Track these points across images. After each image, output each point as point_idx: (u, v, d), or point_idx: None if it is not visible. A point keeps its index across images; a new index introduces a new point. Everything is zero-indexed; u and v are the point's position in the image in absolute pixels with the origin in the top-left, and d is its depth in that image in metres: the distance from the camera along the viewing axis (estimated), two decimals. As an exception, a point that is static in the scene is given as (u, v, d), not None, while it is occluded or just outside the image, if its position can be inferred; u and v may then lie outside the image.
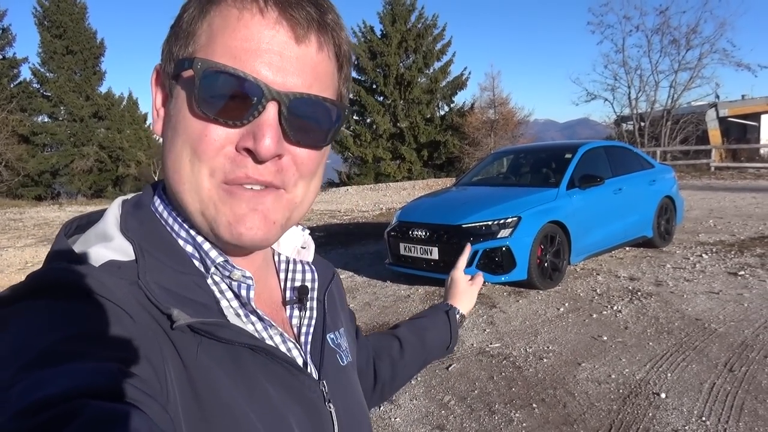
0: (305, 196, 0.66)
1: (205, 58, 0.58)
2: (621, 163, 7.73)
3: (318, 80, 0.61)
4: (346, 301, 0.97)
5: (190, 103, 0.59)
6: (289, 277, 0.77)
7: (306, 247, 0.81)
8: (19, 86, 32.48)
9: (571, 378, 4.09)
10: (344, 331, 0.86)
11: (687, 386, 3.84)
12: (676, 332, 4.84)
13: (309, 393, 0.68)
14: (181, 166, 0.60)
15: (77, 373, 0.43)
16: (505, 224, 5.97)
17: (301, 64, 0.59)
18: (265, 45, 0.58)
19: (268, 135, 0.57)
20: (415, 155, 33.45)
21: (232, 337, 0.59)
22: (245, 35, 0.58)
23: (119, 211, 0.66)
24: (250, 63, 0.57)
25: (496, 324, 5.32)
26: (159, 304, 0.56)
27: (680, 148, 25.10)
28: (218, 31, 0.59)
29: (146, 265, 0.59)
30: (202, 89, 0.57)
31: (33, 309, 0.50)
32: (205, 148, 0.58)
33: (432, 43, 34.14)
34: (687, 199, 13.71)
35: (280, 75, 0.58)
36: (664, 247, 8.19)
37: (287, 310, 0.75)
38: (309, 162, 0.63)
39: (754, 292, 5.85)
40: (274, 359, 0.64)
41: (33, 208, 23.18)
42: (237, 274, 0.64)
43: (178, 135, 0.60)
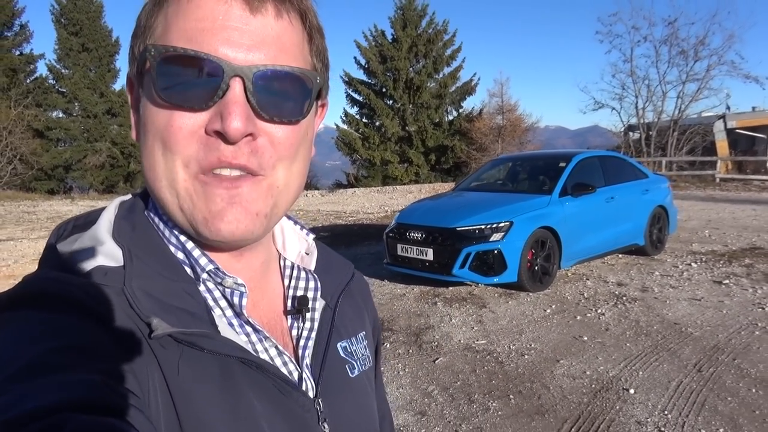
0: (288, 180, 0.63)
1: (157, 44, 0.56)
2: (615, 172, 7.99)
3: (284, 51, 0.58)
4: (370, 300, 0.91)
5: (152, 95, 0.57)
6: (292, 285, 0.74)
7: (309, 253, 0.78)
8: (35, 82, 33.16)
9: (548, 373, 4.36)
10: (364, 335, 0.82)
11: (655, 383, 4.11)
12: (653, 335, 5.11)
13: (301, 411, 0.64)
14: (156, 162, 0.58)
15: (61, 386, 0.43)
16: (497, 228, 6.26)
17: (261, 36, 0.57)
18: (220, 22, 0.55)
19: (236, 113, 0.55)
20: (423, 159, 33.75)
21: (216, 348, 0.57)
22: (198, 15, 0.56)
23: (114, 214, 0.64)
24: (207, 42, 0.55)
25: (484, 323, 5.60)
26: (140, 312, 0.55)
27: (686, 158, 25.24)
28: (172, 18, 0.57)
29: (134, 271, 0.58)
30: (160, 76, 0.56)
31: (16, 320, 0.50)
32: (174, 137, 0.56)
33: (442, 49, 34.45)
34: (687, 209, 13.93)
35: (241, 51, 0.56)
36: (655, 255, 8.43)
37: (288, 320, 0.72)
38: (286, 141, 0.60)
39: (734, 299, 6.09)
40: (265, 373, 0.61)
41: (46, 201, 23.69)
42: (229, 282, 0.63)
43: (148, 131, 0.58)
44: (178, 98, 0.56)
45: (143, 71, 0.58)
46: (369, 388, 0.80)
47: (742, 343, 4.82)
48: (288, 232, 0.78)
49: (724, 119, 28.89)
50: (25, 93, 31.09)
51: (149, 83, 0.57)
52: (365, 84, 34.37)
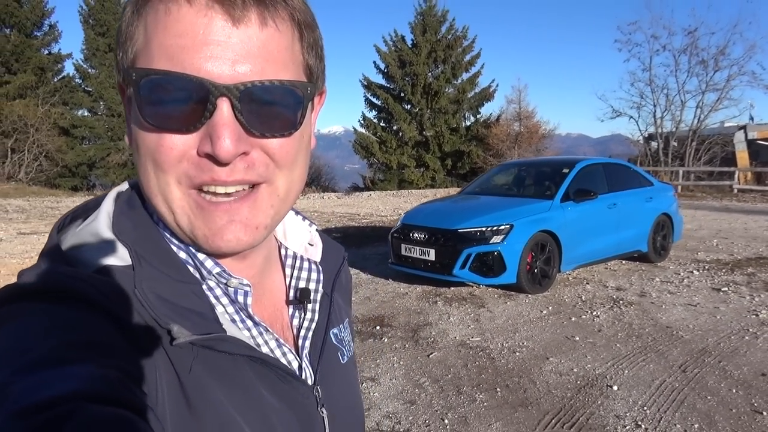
0: (290, 188, 0.62)
1: (139, 68, 0.55)
2: (618, 179, 8.11)
3: (270, 61, 0.56)
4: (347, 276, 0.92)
5: (139, 118, 0.56)
6: (295, 275, 0.75)
7: (314, 244, 0.79)
8: (62, 80, 34.06)
9: (537, 369, 4.54)
10: (348, 322, 0.85)
11: (639, 382, 4.26)
12: (644, 337, 5.25)
13: (302, 399, 0.67)
14: (149, 179, 0.58)
15: (74, 377, 0.43)
16: (498, 231, 6.44)
17: (246, 49, 0.54)
18: (201, 37, 0.53)
19: (225, 135, 0.53)
20: (439, 164, 33.93)
21: (228, 349, 0.59)
22: (177, 30, 0.53)
23: (113, 208, 0.64)
24: (189, 60, 0.53)
25: (481, 321, 5.78)
26: (157, 317, 0.56)
27: (703, 168, 25.07)
28: (152, 30, 0.55)
29: (143, 273, 0.58)
30: (144, 100, 0.54)
31: (29, 313, 0.50)
32: (165, 158, 0.56)
33: (461, 54, 34.63)
34: (699, 219, 13.93)
35: (225, 66, 0.53)
36: (659, 263, 8.52)
37: (290, 309, 0.74)
38: (282, 151, 0.59)
39: (730, 306, 6.19)
40: (267, 366, 0.63)
41: (69, 197, 24.31)
42: (234, 282, 0.64)
43: (139, 147, 0.58)
44: (165, 122, 0.54)
45: (128, 85, 0.57)
46: (354, 372, 0.83)
47: (731, 347, 4.94)
48: (289, 222, 0.78)
49: (745, 130, 28.63)
50: (52, 91, 31.96)
51: (136, 104, 0.55)
52: (384, 88, 34.68)
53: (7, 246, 10.47)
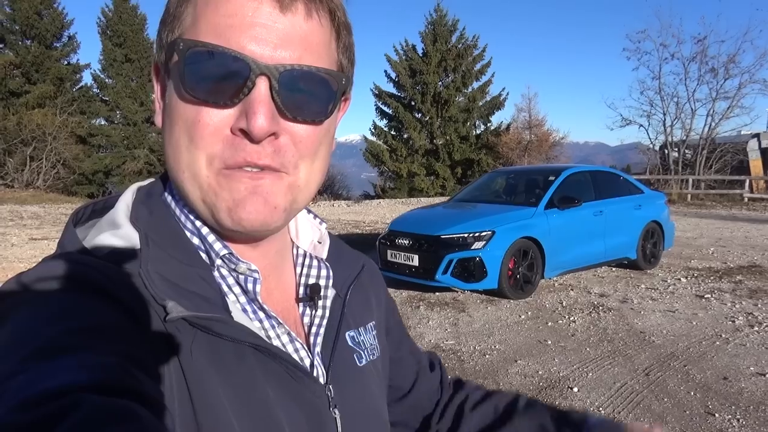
0: (309, 179, 0.63)
1: (187, 39, 0.57)
2: (606, 187, 8.20)
3: (309, 51, 0.59)
4: (384, 291, 0.92)
5: (179, 88, 0.58)
6: (304, 273, 0.75)
7: (322, 242, 0.79)
8: (80, 90, 34.87)
9: (503, 372, 4.66)
10: (373, 326, 0.83)
11: (600, 384, 4.36)
12: (616, 342, 5.34)
13: (312, 397, 0.66)
14: (180, 154, 0.59)
15: (77, 367, 0.43)
16: (479, 237, 6.57)
17: (289, 35, 0.57)
18: (249, 18, 0.56)
19: (261, 112, 0.55)
20: (449, 172, 34.03)
21: (229, 333, 0.59)
22: (228, 10, 0.56)
23: (132, 199, 0.66)
24: (235, 38, 0.55)
25: (458, 325, 5.91)
26: (155, 295, 0.56)
27: (714, 177, 24.87)
28: (201, 10, 0.57)
29: (150, 255, 0.59)
30: (188, 71, 0.56)
31: (35, 301, 0.51)
32: (201, 133, 0.57)
33: (471, 63, 34.79)
34: (702, 227, 13.90)
35: (268, 48, 0.56)
36: (649, 270, 8.57)
37: (300, 308, 0.73)
38: (308, 140, 0.61)
39: (709, 312, 6.25)
40: (277, 360, 0.62)
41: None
42: (242, 267, 0.64)
43: (174, 123, 0.59)
44: (205, 94, 0.56)
45: (171, 60, 0.59)
46: (376, 378, 0.80)
47: (699, 352, 5.01)
48: (301, 221, 0.79)
49: (758, 138, 28.36)
50: (70, 101, 32.71)
51: (176, 76, 0.58)
52: (394, 97, 34.95)
53: (18, 251, 10.79)
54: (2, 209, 19.85)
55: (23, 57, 31.58)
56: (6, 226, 14.88)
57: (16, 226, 14.93)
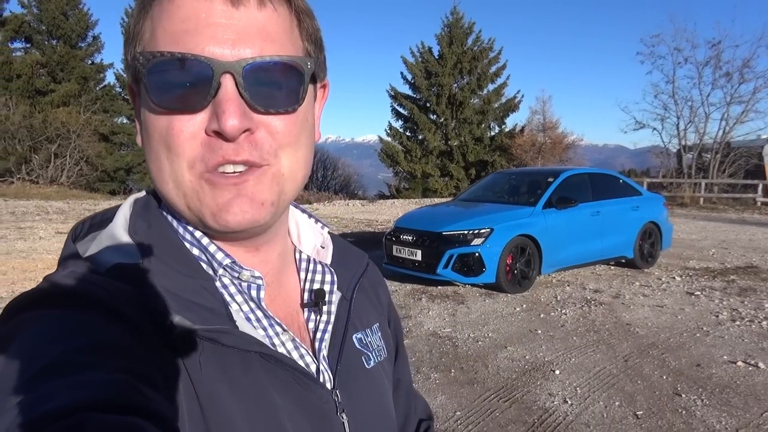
0: (293, 167, 0.63)
1: (145, 51, 0.57)
2: (604, 188, 8.57)
3: (270, 41, 0.58)
4: (385, 291, 0.92)
5: (148, 102, 0.58)
6: (309, 278, 0.75)
7: (325, 247, 0.79)
8: (103, 89, 35.83)
9: (492, 356, 5.07)
10: (378, 327, 0.83)
11: (581, 368, 4.76)
12: (602, 332, 5.71)
13: (319, 403, 0.66)
14: (161, 165, 0.59)
15: (83, 385, 0.44)
16: (478, 234, 6.98)
17: (246, 29, 0.57)
18: (204, 20, 0.56)
19: (230, 110, 0.55)
20: (463, 173, 34.35)
21: (235, 343, 0.59)
22: (181, 16, 0.56)
23: (129, 212, 0.66)
24: (192, 42, 0.55)
25: (456, 316, 6.33)
26: (160, 309, 0.56)
27: (727, 181, 24.92)
28: (157, 21, 0.57)
29: (152, 269, 0.59)
30: (152, 83, 0.56)
31: (38, 320, 0.51)
32: (177, 140, 0.57)
33: (487, 66, 35.08)
34: (710, 230, 14.12)
35: (227, 46, 0.56)
36: (646, 269, 8.90)
37: (305, 313, 0.73)
38: (285, 129, 0.60)
39: (696, 308, 6.59)
40: (283, 367, 0.62)
41: (106, 201, 25.58)
42: (246, 275, 0.64)
43: (151, 137, 0.59)
44: (173, 102, 0.56)
45: (137, 78, 0.59)
46: (385, 379, 0.80)
47: (679, 343, 5.37)
48: (303, 226, 0.79)
49: (774, 142, 28.29)
50: (94, 99, 33.66)
51: (144, 90, 0.58)
52: (410, 98, 35.36)
53: (45, 243, 11.40)
54: (29, 204, 20.62)
55: (49, 56, 32.59)
56: (33, 220, 15.58)
57: (43, 221, 15.61)
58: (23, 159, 28.78)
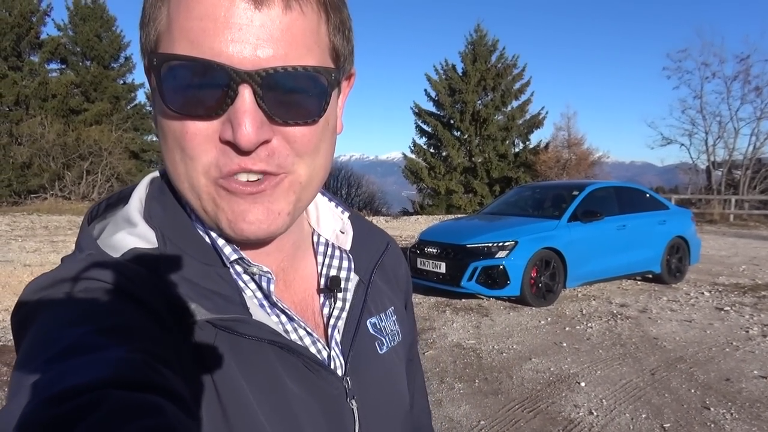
0: (312, 175, 0.61)
1: (161, 52, 0.54)
2: (630, 202, 8.50)
3: (294, 45, 0.54)
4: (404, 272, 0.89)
5: (161, 104, 0.55)
6: (326, 263, 0.73)
7: (345, 232, 0.77)
8: (134, 108, 36.74)
9: (517, 367, 5.06)
10: (394, 310, 0.82)
11: (607, 380, 4.72)
12: (628, 345, 5.66)
13: (330, 389, 0.65)
14: (176, 166, 0.58)
15: (101, 363, 0.44)
16: (503, 246, 6.99)
17: (268, 32, 0.53)
18: (223, 19, 0.51)
19: (246, 123, 0.52)
20: (487, 190, 34.23)
21: (250, 332, 0.59)
22: (200, 12, 0.52)
23: (145, 193, 0.65)
24: (209, 43, 0.52)
25: (480, 328, 6.32)
26: (179, 297, 0.56)
27: (758, 197, 24.39)
28: (174, 12, 0.54)
29: (168, 255, 0.59)
30: (166, 87, 0.54)
31: (56, 303, 0.52)
32: (191, 144, 0.55)
33: (511, 83, 35.08)
34: (740, 246, 13.84)
35: (247, 50, 0.52)
36: (674, 284, 8.77)
37: (321, 298, 0.73)
38: (304, 139, 0.58)
39: (725, 323, 6.48)
40: (295, 354, 0.62)
41: (135, 216, 26.12)
42: (254, 270, 0.63)
43: (165, 135, 0.58)
44: (187, 108, 0.54)
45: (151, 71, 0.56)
46: (398, 364, 0.79)
47: (707, 357, 5.29)
48: (323, 209, 0.78)
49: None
50: (125, 118, 34.52)
51: (158, 89, 0.55)
52: (434, 115, 35.50)
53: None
54: (61, 219, 21.19)
55: (83, 77, 33.60)
56: (65, 234, 16.01)
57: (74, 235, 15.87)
58: (56, 176, 29.60)
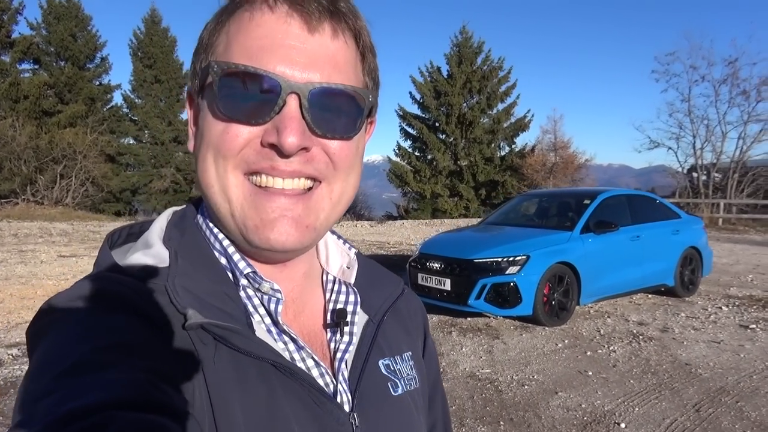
0: (343, 192, 0.65)
1: (220, 60, 0.60)
2: (642, 211, 7.98)
3: (338, 70, 0.61)
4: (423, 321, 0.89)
5: (212, 108, 0.60)
6: (333, 299, 0.74)
7: (351, 267, 0.78)
8: (110, 110, 35.67)
9: (544, 404, 4.46)
10: (411, 356, 0.80)
11: (649, 420, 4.14)
12: (660, 374, 5.10)
13: (335, 424, 0.64)
14: (208, 168, 0.61)
15: (107, 384, 0.44)
16: (514, 261, 6.40)
17: (317, 55, 0.59)
18: (279, 40, 0.58)
19: (291, 128, 0.57)
20: (473, 193, 33.82)
21: (249, 348, 0.59)
22: (259, 34, 0.59)
23: (166, 221, 0.69)
24: (266, 59, 0.58)
25: (493, 353, 5.72)
26: (177, 304, 0.57)
27: (746, 201, 24.28)
28: (234, 35, 0.60)
29: (178, 270, 0.61)
30: (221, 90, 0.58)
31: (66, 320, 0.53)
32: (228, 146, 0.59)
33: (497, 85, 34.75)
34: (737, 253, 13.48)
35: (297, 68, 0.58)
36: (687, 297, 8.27)
37: (328, 333, 0.72)
38: (341, 153, 0.63)
39: (756, 344, 5.96)
40: (299, 382, 0.62)
41: (111, 222, 25.16)
42: (266, 287, 0.64)
43: (204, 140, 0.61)
44: (237, 113, 0.59)
45: (204, 85, 0.62)
46: (414, 409, 0.76)
47: (751, 387, 4.75)
48: (331, 247, 0.80)
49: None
50: (101, 120, 33.42)
51: (210, 96, 0.60)
52: (419, 118, 35.00)
53: (46, 268, 10.88)
54: (32, 226, 20.20)
55: (57, 78, 32.42)
56: (36, 243, 15.09)
57: (45, 243, 15.12)
58: (29, 180, 28.42)
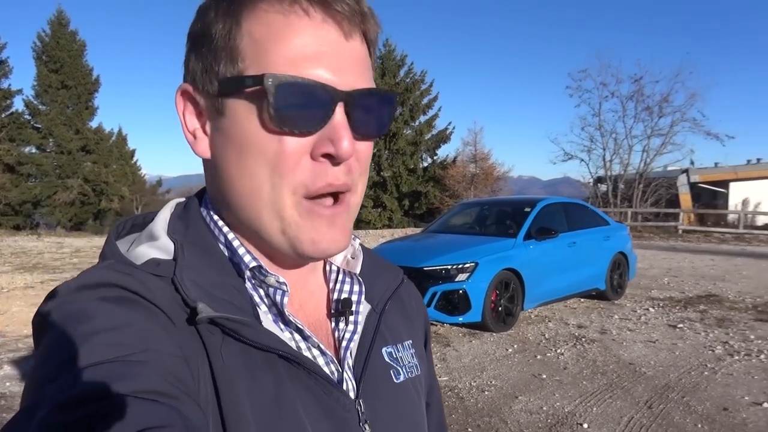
0: (362, 193, 0.67)
1: (275, 74, 0.57)
2: (577, 219, 8.34)
3: (368, 71, 0.62)
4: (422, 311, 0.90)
5: (263, 120, 0.58)
6: (337, 288, 0.74)
7: (355, 257, 0.77)
8: (10, 117, 32.91)
9: (507, 408, 4.50)
10: (411, 344, 0.81)
11: (608, 419, 4.28)
12: (609, 374, 5.30)
13: (342, 411, 0.64)
14: (259, 187, 0.60)
15: (113, 371, 0.45)
16: (462, 269, 6.47)
17: (353, 60, 0.60)
18: (320, 47, 0.58)
19: (345, 136, 0.58)
20: (397, 204, 34.19)
21: (257, 339, 0.59)
22: (301, 42, 0.58)
23: (170, 213, 0.68)
24: (311, 68, 0.57)
25: (447, 360, 5.74)
26: (186, 298, 0.57)
27: (651, 210, 26.10)
28: (266, 40, 0.58)
29: (184, 263, 0.60)
30: (277, 104, 0.57)
31: (77, 307, 0.53)
32: (285, 164, 0.58)
33: (419, 98, 35.43)
34: (649, 258, 14.38)
35: (339, 75, 0.58)
36: (616, 300, 8.71)
37: (332, 323, 0.73)
38: (365, 155, 0.64)
39: (687, 342, 6.35)
40: (306, 371, 0.62)
41: (11, 236, 23.20)
42: (271, 280, 0.64)
43: (250, 155, 0.60)
44: (291, 125, 0.58)
45: (241, 91, 0.59)
46: (415, 396, 0.77)
47: (692, 383, 5.04)
48: None
49: (687, 174, 30.08)
50: (-1, 127, 30.88)
51: (257, 106, 0.58)
52: (342, 129, 35.04)
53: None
54: None
55: (-53, 80, 29.69)
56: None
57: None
58: None
